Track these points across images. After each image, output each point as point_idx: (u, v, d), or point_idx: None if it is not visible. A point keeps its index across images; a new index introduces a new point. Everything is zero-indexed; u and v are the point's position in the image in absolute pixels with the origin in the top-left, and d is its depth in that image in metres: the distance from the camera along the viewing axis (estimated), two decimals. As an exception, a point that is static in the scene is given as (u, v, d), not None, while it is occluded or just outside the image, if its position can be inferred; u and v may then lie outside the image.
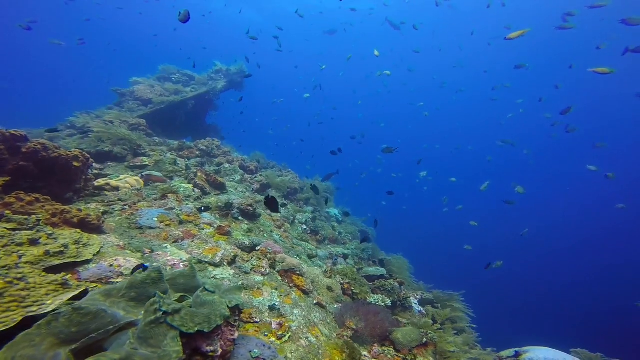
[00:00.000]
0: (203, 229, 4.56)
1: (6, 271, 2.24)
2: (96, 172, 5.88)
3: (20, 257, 2.44)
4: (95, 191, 4.89)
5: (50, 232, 2.87)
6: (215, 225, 4.75)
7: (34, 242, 2.67)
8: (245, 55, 14.20)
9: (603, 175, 11.74)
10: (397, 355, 3.63)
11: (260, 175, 8.15)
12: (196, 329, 1.82)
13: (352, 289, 4.63)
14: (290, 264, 4.21)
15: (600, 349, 4.69)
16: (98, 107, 9.89)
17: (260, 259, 4.15)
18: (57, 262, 2.63)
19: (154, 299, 1.85)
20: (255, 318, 3.16)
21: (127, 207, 4.54)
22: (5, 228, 2.72)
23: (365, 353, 3.56)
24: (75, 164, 4.50)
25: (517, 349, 4.25)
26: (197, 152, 8.43)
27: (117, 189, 5.20)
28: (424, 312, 5.10)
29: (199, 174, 6.24)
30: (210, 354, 1.96)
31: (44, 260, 2.57)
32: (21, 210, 3.46)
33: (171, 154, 7.80)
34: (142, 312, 2.17)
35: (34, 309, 1.93)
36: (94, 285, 2.70)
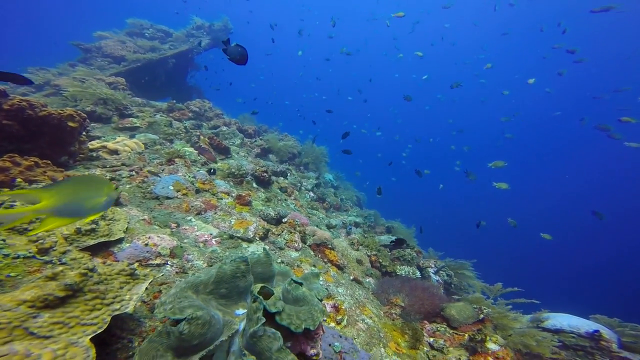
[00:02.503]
0: (222, 199, 4.20)
1: (59, 257, 1.86)
2: (84, 136, 5.16)
3: (50, 246, 2.03)
4: (92, 154, 4.29)
5: (72, 207, 2.42)
6: (234, 195, 4.40)
7: (59, 220, 2.23)
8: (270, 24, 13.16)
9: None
10: (456, 333, 3.50)
11: (261, 139, 7.66)
12: (303, 326, 1.60)
13: (380, 261, 4.57)
14: (322, 237, 4.02)
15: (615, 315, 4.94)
16: (57, 64, 8.63)
17: (291, 232, 3.90)
18: (91, 242, 2.24)
19: (256, 304, 1.59)
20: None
21: (134, 173, 4.03)
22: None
23: (420, 332, 3.47)
24: (70, 124, 3.87)
25: (532, 315, 4.44)
26: (190, 114, 7.70)
27: (115, 152, 4.60)
28: (440, 281, 5.21)
29: (202, 138, 5.69)
30: (314, 357, 1.76)
31: (77, 240, 2.17)
32: (21, 177, 2.92)
33: (161, 116, 7.06)
34: (237, 312, 1.92)
35: (117, 306, 1.60)
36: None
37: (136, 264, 2.42)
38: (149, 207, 3.41)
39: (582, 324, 4.09)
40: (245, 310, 1.94)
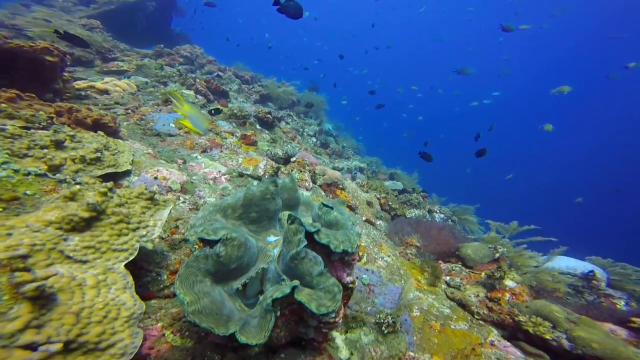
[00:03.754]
0: (226, 138, 3.96)
1: (73, 176, 1.67)
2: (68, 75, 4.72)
3: (60, 163, 1.82)
4: (80, 93, 3.93)
5: (72, 134, 2.18)
6: (238, 135, 4.15)
7: (59, 146, 2.00)
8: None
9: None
10: (472, 272, 3.48)
11: (259, 86, 7.22)
12: (341, 247, 1.46)
13: (390, 203, 4.48)
14: (333, 176, 3.87)
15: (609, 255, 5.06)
16: (5, 3, 7.67)
17: (301, 171, 3.73)
18: (98, 172, 2.03)
19: (296, 226, 1.43)
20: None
21: (130, 111, 3.74)
22: (13, 125, 1.98)
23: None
24: (49, 58, 3.47)
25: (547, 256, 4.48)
26: (181, 59, 7.14)
27: (106, 92, 4.24)
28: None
29: (198, 81, 5.29)
30: (351, 285, 1.66)
31: (82, 170, 1.96)
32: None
33: (149, 60, 6.51)
34: (269, 239, 1.78)
35: (143, 232, 1.44)
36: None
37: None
38: (150, 143, 3.18)
39: (578, 265, 4.18)
40: (277, 237, 1.83)
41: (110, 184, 1.46)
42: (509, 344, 2.73)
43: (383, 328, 2.07)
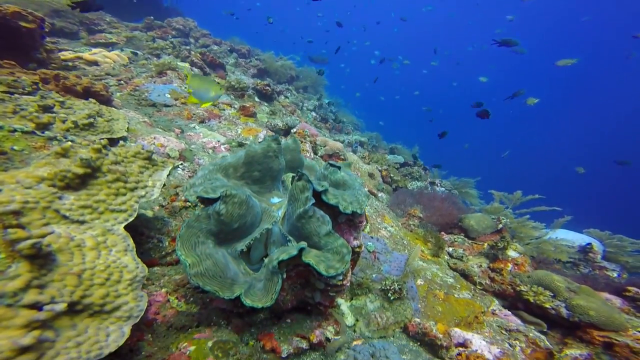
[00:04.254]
0: (224, 110, 3.84)
1: (64, 134, 1.58)
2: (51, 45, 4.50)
3: (48, 121, 1.73)
4: (66, 64, 3.75)
5: (61, 100, 2.07)
6: (236, 106, 4.03)
7: (47, 111, 1.90)
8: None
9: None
10: (475, 243, 3.45)
11: (257, 59, 6.98)
12: (350, 208, 1.40)
13: (392, 175, 4.43)
14: (334, 147, 3.78)
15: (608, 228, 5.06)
16: None
17: (302, 142, 3.65)
18: (93, 138, 1.95)
19: (303, 183, 1.35)
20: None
21: (122, 82, 3.59)
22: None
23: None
24: (24, 24, 3.25)
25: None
26: (173, 32, 6.84)
27: (95, 63, 4.06)
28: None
29: (193, 53, 5.08)
30: (357, 249, 1.61)
31: (77, 135, 1.87)
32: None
33: (139, 33, 6.24)
34: (272, 200, 1.71)
35: (142, 192, 1.37)
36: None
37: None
38: (146, 112, 3.06)
39: (577, 238, 4.19)
40: (281, 199, 1.77)
41: (104, 141, 1.38)
42: (509, 312, 2.77)
43: (389, 294, 2.06)
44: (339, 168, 1.72)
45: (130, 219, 1.29)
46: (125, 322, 1.14)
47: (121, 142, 2.16)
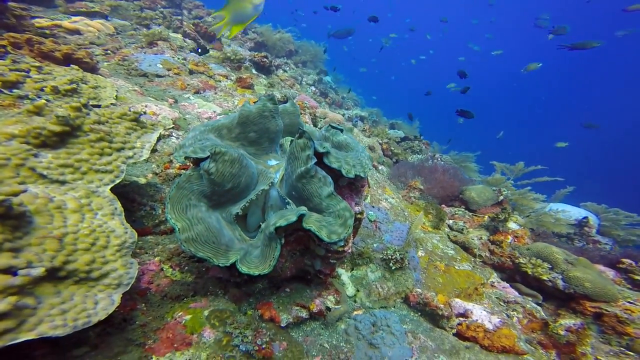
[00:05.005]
0: (220, 81, 3.69)
1: (36, 92, 1.47)
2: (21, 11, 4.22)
3: (16, 79, 1.61)
4: (42, 32, 3.51)
5: (37, 65, 1.93)
6: (232, 78, 3.87)
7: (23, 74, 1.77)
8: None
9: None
10: (475, 216, 3.40)
11: (254, 32, 6.69)
12: (353, 172, 1.31)
13: (392, 149, 4.32)
14: (335, 119, 3.66)
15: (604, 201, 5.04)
16: None
17: (301, 113, 3.52)
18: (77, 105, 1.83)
19: (304, 140, 1.25)
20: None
21: (109, 52, 3.42)
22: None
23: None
24: None
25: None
26: (163, 2, 6.50)
27: (77, 32, 3.84)
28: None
29: (185, 23, 4.84)
30: (359, 215, 1.52)
31: (57, 100, 1.76)
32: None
33: (125, 2, 5.92)
34: (269, 162, 1.62)
35: (129, 153, 1.28)
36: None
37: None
38: (137, 82, 2.92)
39: (574, 212, 4.15)
40: (279, 161, 1.69)
41: (84, 100, 1.27)
42: (507, 284, 2.77)
43: (391, 264, 2.02)
44: (342, 130, 1.63)
45: (117, 180, 1.20)
46: (115, 290, 1.08)
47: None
